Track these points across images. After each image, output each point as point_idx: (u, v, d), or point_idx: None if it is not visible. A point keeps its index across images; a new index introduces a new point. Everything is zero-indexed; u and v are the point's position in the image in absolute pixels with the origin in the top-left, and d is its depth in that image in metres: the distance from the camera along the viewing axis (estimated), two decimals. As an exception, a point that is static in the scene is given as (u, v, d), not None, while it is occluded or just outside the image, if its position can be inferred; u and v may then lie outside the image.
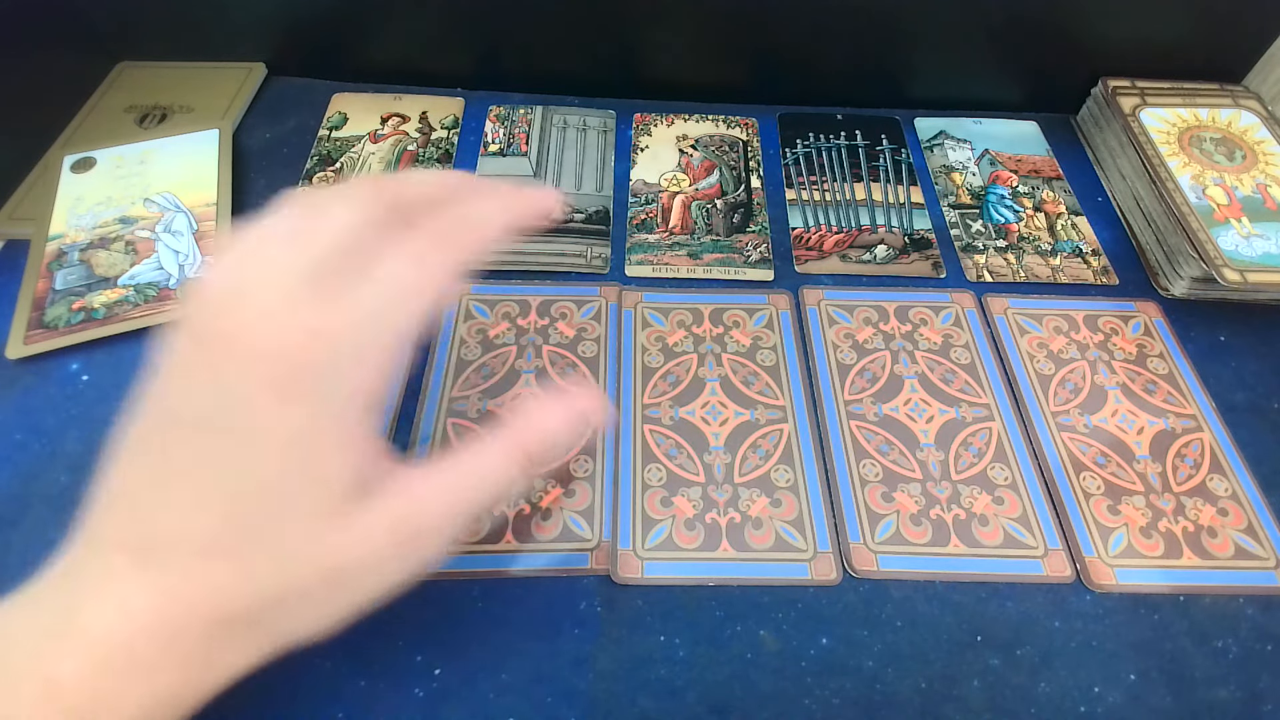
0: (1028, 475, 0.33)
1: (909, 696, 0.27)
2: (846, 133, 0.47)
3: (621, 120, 0.47)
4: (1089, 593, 0.30)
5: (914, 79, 0.48)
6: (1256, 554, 0.31)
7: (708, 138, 0.47)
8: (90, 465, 0.24)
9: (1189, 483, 0.33)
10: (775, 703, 0.27)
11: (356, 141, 0.45)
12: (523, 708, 0.27)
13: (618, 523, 0.31)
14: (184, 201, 0.40)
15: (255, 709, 0.26)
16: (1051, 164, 0.46)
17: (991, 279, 0.40)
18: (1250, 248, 0.38)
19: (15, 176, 0.41)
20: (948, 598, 0.30)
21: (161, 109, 0.45)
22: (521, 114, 0.47)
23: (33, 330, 0.34)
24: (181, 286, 0.36)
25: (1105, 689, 0.28)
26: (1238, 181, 0.41)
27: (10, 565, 0.29)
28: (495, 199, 0.23)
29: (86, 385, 0.34)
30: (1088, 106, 0.48)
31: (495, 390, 0.35)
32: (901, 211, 0.43)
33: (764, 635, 0.29)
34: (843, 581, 0.30)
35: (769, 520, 0.31)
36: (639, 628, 0.29)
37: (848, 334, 0.37)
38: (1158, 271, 0.41)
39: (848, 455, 0.33)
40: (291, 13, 0.46)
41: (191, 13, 0.46)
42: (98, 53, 0.47)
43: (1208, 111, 0.45)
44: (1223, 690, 0.28)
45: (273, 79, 0.48)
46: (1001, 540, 0.31)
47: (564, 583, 0.30)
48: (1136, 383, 0.36)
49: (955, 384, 0.36)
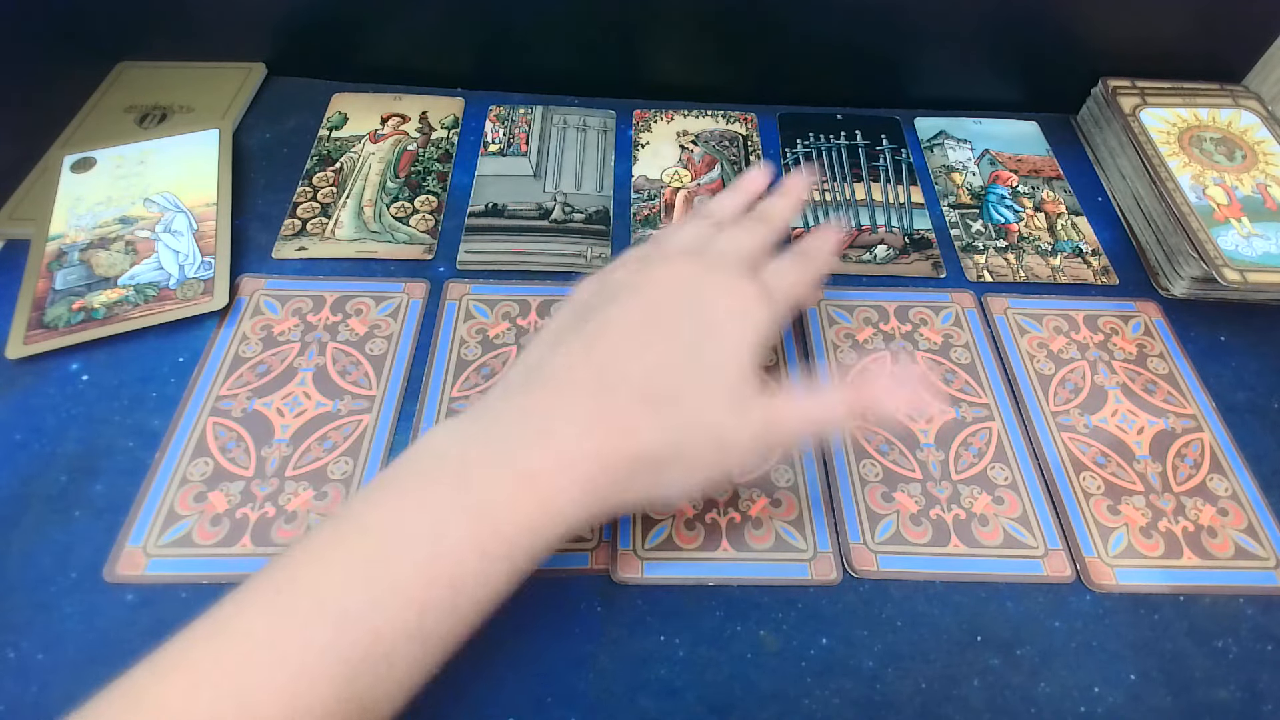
0: (1028, 475, 0.33)
1: (909, 696, 0.27)
2: (846, 133, 0.47)
3: (621, 120, 0.47)
4: (1089, 593, 0.30)
5: (914, 79, 0.48)
6: (1256, 554, 0.31)
7: (708, 133, 0.47)
8: (90, 465, 0.24)
9: (1189, 483, 0.33)
10: (775, 703, 0.27)
11: (356, 141, 0.45)
12: (523, 708, 0.27)
13: (618, 523, 0.31)
14: (184, 201, 0.40)
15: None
16: (1051, 164, 0.46)
17: (991, 279, 0.40)
18: (1250, 248, 0.38)
19: (15, 176, 0.41)
20: (948, 598, 0.30)
21: (161, 109, 0.45)
22: (521, 114, 0.47)
23: (33, 330, 0.34)
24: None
25: (1105, 689, 0.28)
26: (1238, 181, 0.41)
27: (10, 565, 0.29)
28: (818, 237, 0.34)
29: (86, 385, 0.34)
30: (1088, 106, 0.48)
31: (495, 390, 0.35)
32: (901, 211, 0.43)
33: (764, 635, 0.29)
34: (843, 581, 0.30)
35: (769, 520, 0.31)
36: (639, 628, 0.29)
37: (848, 334, 0.37)
38: (1158, 271, 0.41)
39: (848, 455, 0.33)
40: (291, 13, 0.46)
41: (191, 13, 0.46)
42: (98, 53, 0.47)
43: (1208, 111, 0.45)
44: (1223, 690, 0.28)
45: (273, 79, 0.48)
46: (1001, 540, 0.31)
47: (564, 583, 0.30)
48: (1136, 383, 0.36)
49: (955, 384, 0.36)
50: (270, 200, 0.42)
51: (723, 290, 0.28)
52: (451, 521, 0.23)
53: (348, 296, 0.38)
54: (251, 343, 0.35)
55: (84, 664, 0.27)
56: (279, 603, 0.22)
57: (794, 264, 0.31)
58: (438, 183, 0.43)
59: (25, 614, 0.28)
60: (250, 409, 0.33)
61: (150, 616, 0.28)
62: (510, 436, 0.25)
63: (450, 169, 0.44)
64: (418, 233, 0.40)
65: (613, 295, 0.28)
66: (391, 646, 0.21)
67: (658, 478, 0.26)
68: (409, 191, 0.42)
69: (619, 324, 0.27)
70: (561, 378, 0.26)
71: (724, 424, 0.26)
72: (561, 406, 0.26)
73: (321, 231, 0.40)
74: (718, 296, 0.28)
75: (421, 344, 0.36)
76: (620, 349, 0.27)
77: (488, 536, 0.23)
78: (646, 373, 0.26)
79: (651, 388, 0.26)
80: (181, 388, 0.34)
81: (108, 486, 0.31)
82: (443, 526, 0.23)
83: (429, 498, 0.24)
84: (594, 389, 0.26)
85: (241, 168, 0.43)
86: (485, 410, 0.26)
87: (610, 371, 0.26)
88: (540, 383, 0.26)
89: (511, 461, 0.24)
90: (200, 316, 0.36)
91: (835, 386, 0.29)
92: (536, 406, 0.26)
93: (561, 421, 0.25)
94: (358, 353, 0.35)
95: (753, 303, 0.28)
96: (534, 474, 0.24)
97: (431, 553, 0.23)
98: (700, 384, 0.26)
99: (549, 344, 0.28)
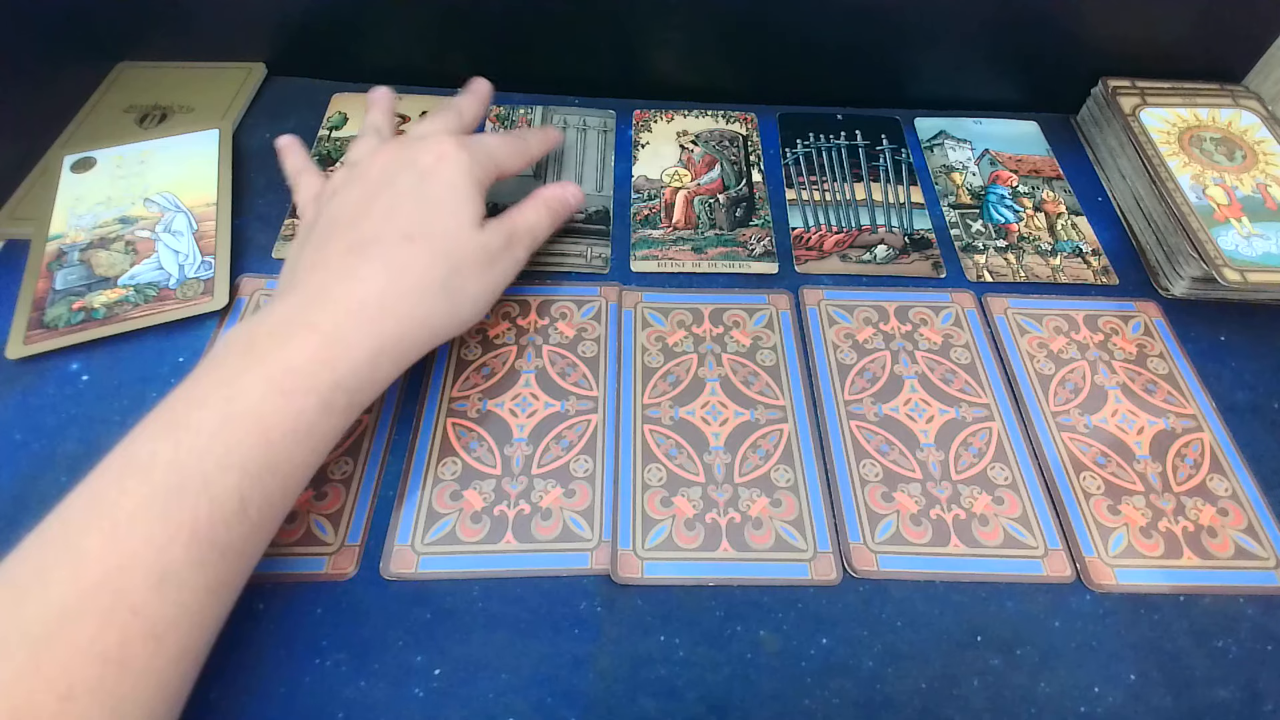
0: (1028, 475, 0.33)
1: (909, 696, 0.27)
2: (846, 133, 0.47)
3: (621, 120, 0.47)
4: (1089, 593, 0.30)
5: (914, 79, 0.48)
6: (1256, 554, 0.31)
7: (708, 133, 0.47)
8: (90, 465, 0.24)
9: (1189, 483, 0.33)
10: (775, 703, 0.27)
11: (356, 141, 0.45)
12: (523, 708, 0.27)
13: (618, 523, 0.31)
14: (184, 201, 0.40)
15: (256, 709, 0.26)
16: (1051, 164, 0.46)
17: (991, 279, 0.40)
18: (1250, 248, 0.38)
19: (15, 176, 0.41)
20: (948, 598, 0.30)
21: (161, 109, 0.45)
22: (521, 114, 0.47)
23: (33, 330, 0.34)
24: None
25: (1105, 689, 0.28)
26: (1238, 181, 0.41)
27: (10, 565, 0.29)
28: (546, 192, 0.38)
29: (86, 385, 0.34)
30: (1088, 106, 0.48)
31: (495, 390, 0.35)
32: (901, 211, 0.43)
33: (764, 635, 0.29)
34: (843, 581, 0.30)
35: (769, 520, 0.31)
36: (639, 628, 0.29)
37: (848, 334, 0.37)
38: (1158, 271, 0.41)
39: (848, 455, 0.33)
40: (291, 13, 0.46)
41: (191, 13, 0.46)
42: (98, 53, 0.47)
43: (1208, 111, 0.45)
44: (1223, 690, 0.28)
45: (273, 79, 0.48)
46: (1001, 540, 0.31)
47: (564, 583, 0.30)
48: (1136, 383, 0.36)
49: (955, 384, 0.36)
50: (270, 200, 0.42)
51: (424, 148, 0.33)
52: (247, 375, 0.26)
53: (348, 296, 0.38)
54: (251, 343, 0.35)
55: (84, 664, 0.27)
56: (154, 477, 0.24)
57: (497, 136, 0.37)
58: (438, 183, 0.43)
59: (25, 614, 0.28)
60: (250, 409, 0.33)
61: (150, 616, 0.28)
62: (289, 309, 0.28)
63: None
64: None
65: (334, 191, 0.33)
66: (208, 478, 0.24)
67: (449, 296, 0.30)
68: (409, 191, 0.42)
69: (351, 201, 0.31)
70: (319, 259, 0.30)
71: (481, 238, 0.31)
72: (330, 274, 0.29)
73: (321, 231, 0.40)
74: (421, 154, 0.32)
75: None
76: (359, 216, 0.31)
77: (280, 375, 0.26)
78: (393, 222, 0.30)
79: (404, 229, 0.30)
80: (181, 388, 0.34)
81: (108, 486, 0.31)
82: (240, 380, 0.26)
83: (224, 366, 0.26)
84: (352, 253, 0.29)
85: (241, 168, 0.43)
86: (263, 311, 0.29)
87: (360, 235, 0.30)
88: (303, 271, 0.30)
89: (294, 322, 0.27)
90: (200, 316, 0.36)
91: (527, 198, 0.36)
92: (306, 285, 0.29)
93: (334, 281, 0.29)
94: (358, 353, 0.35)
95: (451, 148, 0.32)
96: (315, 322, 0.27)
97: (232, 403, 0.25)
98: (442, 214, 0.31)
99: (298, 243, 0.32)
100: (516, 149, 0.36)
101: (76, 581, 0.21)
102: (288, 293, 0.29)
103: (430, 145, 0.33)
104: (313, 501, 0.31)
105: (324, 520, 0.31)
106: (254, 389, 0.25)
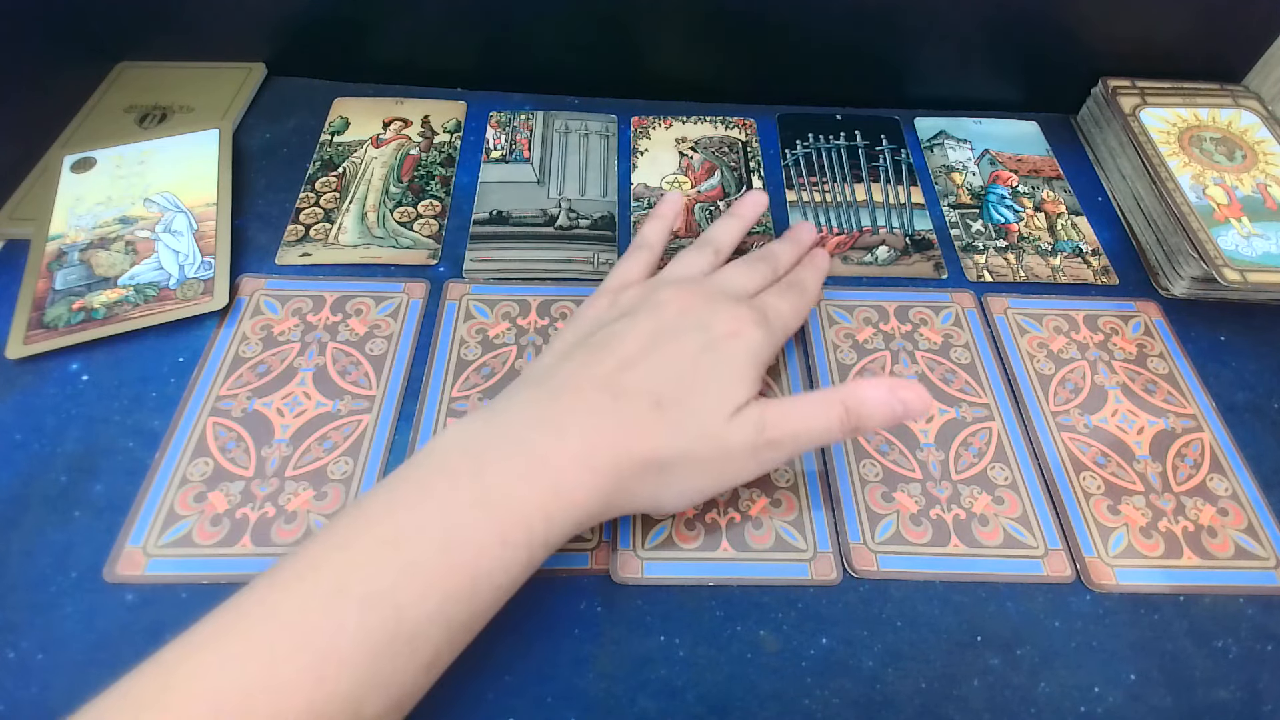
0: (1028, 475, 0.33)
1: (909, 696, 0.27)
2: (846, 133, 0.47)
3: (623, 124, 0.47)
4: (1089, 593, 0.30)
5: (914, 79, 0.48)
6: (1256, 554, 0.31)
7: (707, 139, 0.47)
8: (90, 465, 0.24)
9: (1189, 483, 0.33)
10: (775, 703, 0.27)
11: (359, 146, 0.45)
12: (523, 708, 0.27)
13: (618, 523, 0.31)
14: (184, 201, 0.40)
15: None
16: (1051, 164, 0.46)
17: (991, 279, 0.40)
18: (1250, 248, 0.38)
19: (15, 176, 0.41)
20: (948, 598, 0.30)
21: (161, 109, 0.45)
22: (523, 119, 0.47)
23: (33, 330, 0.34)
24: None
25: (1105, 689, 0.28)
26: (1238, 181, 0.41)
27: (10, 565, 0.29)
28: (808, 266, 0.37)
29: (86, 385, 0.34)
30: (1088, 106, 0.48)
31: (495, 390, 0.35)
32: (902, 212, 0.43)
33: (764, 635, 0.29)
34: (843, 581, 0.30)
35: (769, 520, 0.31)
36: (639, 628, 0.29)
37: (848, 334, 0.37)
38: (1158, 271, 0.41)
39: (848, 455, 0.33)
40: (291, 13, 0.46)
41: (191, 13, 0.46)
42: (98, 53, 0.47)
43: (1208, 111, 0.45)
44: (1223, 690, 0.28)
45: (273, 79, 0.48)
46: (1001, 540, 0.31)
47: (564, 583, 0.30)
48: (1136, 383, 0.36)
49: (955, 384, 0.36)
50: (270, 201, 0.42)
51: (722, 314, 0.30)
52: (470, 510, 0.24)
53: (348, 296, 0.38)
54: (251, 343, 0.35)
55: (84, 664, 0.27)
56: (304, 587, 0.22)
57: (786, 294, 0.34)
58: (441, 187, 0.43)
59: (25, 614, 0.28)
60: (250, 409, 0.33)
61: (150, 616, 0.28)
62: (526, 432, 0.26)
63: (453, 173, 0.44)
64: (422, 237, 0.40)
65: (623, 312, 0.31)
66: (415, 630, 0.22)
67: (662, 481, 0.27)
68: (412, 196, 0.42)
69: (631, 336, 0.29)
70: (575, 382, 0.28)
71: (725, 431, 0.28)
72: (576, 406, 0.27)
73: (325, 237, 0.40)
74: (717, 319, 0.30)
75: (421, 344, 0.36)
76: (632, 358, 0.28)
77: (506, 524, 0.24)
78: (656, 381, 0.28)
79: (661, 394, 0.27)
80: (181, 388, 0.34)
81: (107, 486, 0.31)
82: (461, 515, 0.24)
83: (446, 488, 0.24)
84: (607, 392, 0.27)
85: (241, 168, 0.43)
86: (497, 412, 0.27)
87: (622, 378, 0.28)
88: (553, 387, 0.28)
89: (528, 451, 0.25)
90: (200, 316, 0.36)
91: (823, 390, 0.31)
92: (550, 407, 0.27)
93: (576, 418, 0.27)
94: (358, 353, 0.35)
95: (748, 325, 0.30)
96: (549, 462, 0.25)
97: (450, 540, 0.23)
98: (705, 394, 0.28)
99: (560, 354, 0.30)
100: (803, 308, 0.34)
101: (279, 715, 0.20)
102: (532, 399, 0.28)
103: (729, 314, 0.30)
104: (313, 503, 0.31)
105: (324, 521, 0.31)
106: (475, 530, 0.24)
